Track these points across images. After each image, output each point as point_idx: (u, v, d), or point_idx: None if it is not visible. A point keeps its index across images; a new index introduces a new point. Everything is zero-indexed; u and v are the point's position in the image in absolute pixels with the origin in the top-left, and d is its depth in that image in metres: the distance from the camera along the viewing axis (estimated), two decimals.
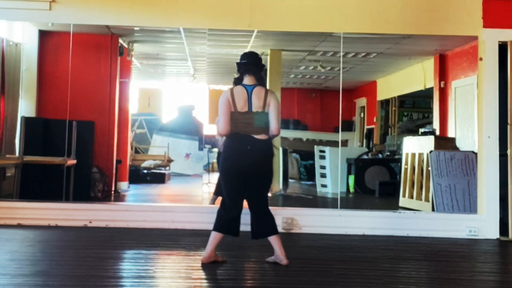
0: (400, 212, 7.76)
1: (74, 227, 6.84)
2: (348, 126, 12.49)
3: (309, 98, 12.96)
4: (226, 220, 5.10)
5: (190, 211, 7.20)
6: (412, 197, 8.72)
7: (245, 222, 5.19)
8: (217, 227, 5.12)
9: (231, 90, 5.18)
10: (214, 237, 5.10)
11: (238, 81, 5.26)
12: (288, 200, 10.03)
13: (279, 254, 5.11)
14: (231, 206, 5.11)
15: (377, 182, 10.25)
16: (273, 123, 5.14)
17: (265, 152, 5.14)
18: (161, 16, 7.22)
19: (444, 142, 8.65)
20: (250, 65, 5.24)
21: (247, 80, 5.20)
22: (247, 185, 5.10)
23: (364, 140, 12.37)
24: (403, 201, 8.92)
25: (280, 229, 6.33)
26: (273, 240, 5.13)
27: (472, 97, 8.46)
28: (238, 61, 5.31)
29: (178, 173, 13.08)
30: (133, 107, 11.89)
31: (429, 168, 7.85)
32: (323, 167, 10.76)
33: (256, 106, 5.11)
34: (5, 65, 8.27)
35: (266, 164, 5.17)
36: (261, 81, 5.28)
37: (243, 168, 5.05)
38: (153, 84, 13.92)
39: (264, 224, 5.14)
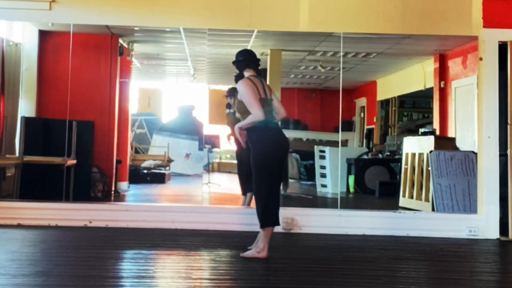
0: (400, 212, 7.75)
1: (74, 227, 6.84)
2: (348, 126, 12.48)
3: (309, 98, 12.95)
4: (276, 211, 5.22)
5: (190, 211, 7.19)
6: (412, 197, 8.71)
7: (246, 222, 5.19)
8: (269, 223, 5.19)
9: (249, 78, 5.31)
10: (270, 232, 5.20)
11: (240, 77, 5.37)
12: (288, 200, 10.01)
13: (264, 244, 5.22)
14: (275, 194, 5.24)
15: (377, 182, 10.24)
16: (282, 107, 5.42)
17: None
18: (161, 16, 7.22)
19: (444, 142, 8.63)
20: (249, 60, 5.42)
21: (250, 73, 5.35)
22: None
23: (364, 140, 12.36)
24: (403, 201, 8.92)
25: (280, 229, 6.35)
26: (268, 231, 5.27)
27: (472, 97, 8.46)
28: (234, 60, 5.48)
29: (178, 173, 13.08)
30: (133, 107, 11.89)
31: (429, 168, 7.84)
32: (323, 167, 10.75)
33: (268, 94, 5.33)
34: (5, 65, 8.27)
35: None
36: (259, 75, 5.47)
37: (283, 154, 5.32)
38: (153, 84, 13.92)
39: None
